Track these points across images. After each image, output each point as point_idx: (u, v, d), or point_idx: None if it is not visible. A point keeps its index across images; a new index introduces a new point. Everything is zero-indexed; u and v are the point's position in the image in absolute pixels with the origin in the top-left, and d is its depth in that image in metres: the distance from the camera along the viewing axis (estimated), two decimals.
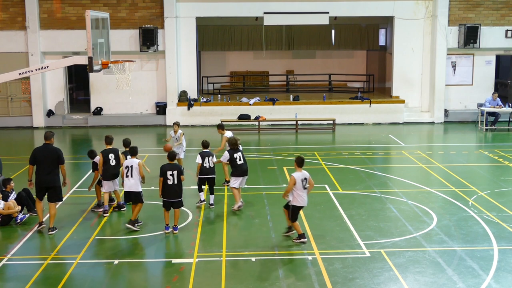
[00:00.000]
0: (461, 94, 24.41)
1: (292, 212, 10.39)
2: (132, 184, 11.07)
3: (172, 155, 10.97)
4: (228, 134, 14.05)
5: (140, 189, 11.18)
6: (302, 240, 10.42)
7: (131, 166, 11.07)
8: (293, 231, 10.68)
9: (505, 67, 26.76)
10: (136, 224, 11.13)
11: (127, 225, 11.11)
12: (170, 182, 10.71)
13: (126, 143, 12.55)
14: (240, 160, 12.12)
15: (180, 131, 15.11)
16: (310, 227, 11.16)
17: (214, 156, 12.39)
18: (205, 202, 12.54)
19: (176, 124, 15.25)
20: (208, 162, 12.18)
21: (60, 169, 11.10)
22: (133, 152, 11.33)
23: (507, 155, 17.39)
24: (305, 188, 10.42)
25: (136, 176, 11.07)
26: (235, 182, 12.12)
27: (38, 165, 11.07)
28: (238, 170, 12.12)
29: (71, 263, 9.63)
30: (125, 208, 12.29)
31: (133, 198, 11.14)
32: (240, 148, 12.50)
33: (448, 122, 24.07)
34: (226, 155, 12.21)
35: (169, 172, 10.70)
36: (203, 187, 12.50)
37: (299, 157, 10.66)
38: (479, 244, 10.31)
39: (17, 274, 9.41)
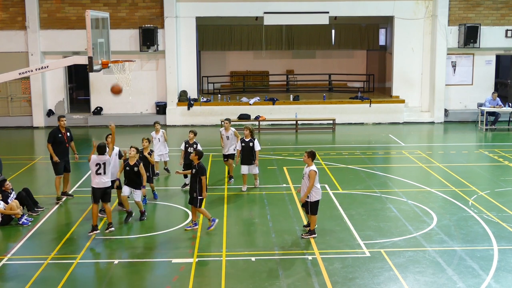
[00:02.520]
0: (461, 94, 24.41)
1: (315, 206, 10.55)
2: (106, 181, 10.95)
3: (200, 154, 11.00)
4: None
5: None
6: (314, 236, 10.60)
7: (104, 163, 10.84)
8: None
9: (505, 67, 26.75)
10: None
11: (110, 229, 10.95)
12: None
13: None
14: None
15: (162, 130, 14.88)
16: None
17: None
18: None
19: (157, 122, 14.94)
20: None
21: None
22: (101, 151, 10.95)
23: (507, 155, 17.39)
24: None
25: (108, 173, 10.97)
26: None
27: None
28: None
29: (71, 263, 9.62)
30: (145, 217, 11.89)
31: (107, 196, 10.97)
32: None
33: (448, 122, 24.07)
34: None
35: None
36: None
37: (313, 151, 10.77)
38: (479, 244, 10.31)
39: (17, 274, 9.41)
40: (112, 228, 10.97)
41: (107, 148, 11.13)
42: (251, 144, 13.37)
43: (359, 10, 23.99)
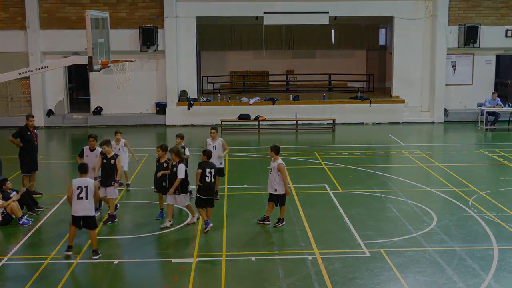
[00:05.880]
0: (461, 94, 24.41)
1: (284, 198, 11.09)
2: (89, 207, 9.75)
3: (83, 168, 9.90)
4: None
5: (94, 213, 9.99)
6: (283, 224, 11.17)
7: (86, 187, 9.63)
8: (270, 222, 11.23)
9: (505, 67, 26.73)
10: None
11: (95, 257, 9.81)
12: (208, 180, 10.68)
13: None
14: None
15: (123, 139, 13.33)
16: (310, 227, 11.16)
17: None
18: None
19: (119, 132, 13.35)
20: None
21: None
22: (83, 170, 9.93)
23: (507, 155, 17.38)
24: None
25: (91, 198, 9.72)
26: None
27: None
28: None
29: (71, 263, 9.62)
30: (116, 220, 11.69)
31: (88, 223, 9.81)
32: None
33: (448, 122, 24.07)
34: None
35: (208, 170, 10.65)
36: None
37: (277, 145, 11.26)
38: (479, 244, 10.31)
39: (17, 274, 9.42)
40: (99, 255, 9.84)
41: (89, 168, 10.20)
42: (174, 169, 11.06)
43: (359, 10, 23.99)
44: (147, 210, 12.28)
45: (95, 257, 9.80)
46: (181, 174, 10.88)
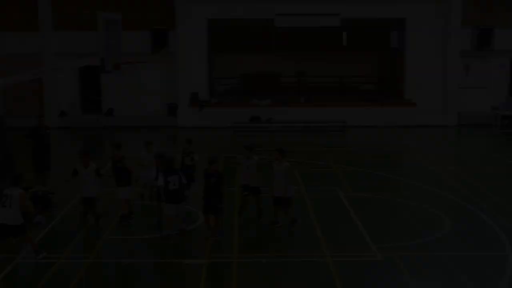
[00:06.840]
0: (475, 96, 24.17)
1: (291, 201, 11.07)
2: (11, 216, 9.46)
3: None
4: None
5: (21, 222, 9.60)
6: (297, 223, 11.11)
7: (11, 196, 9.43)
8: (281, 224, 11.12)
9: None
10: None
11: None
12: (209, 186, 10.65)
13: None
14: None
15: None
16: (322, 230, 11.08)
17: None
18: None
19: (151, 143, 12.64)
20: None
21: None
22: (14, 181, 9.70)
23: None
24: None
25: (16, 208, 9.45)
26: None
27: None
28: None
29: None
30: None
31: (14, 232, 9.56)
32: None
33: (461, 125, 23.85)
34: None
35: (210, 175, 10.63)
36: None
37: (282, 148, 11.25)
38: (493, 250, 10.18)
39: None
40: (43, 255, 9.78)
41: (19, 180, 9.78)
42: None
43: (371, 12, 23.87)
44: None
45: (38, 257, 9.66)
46: (160, 182, 10.53)
